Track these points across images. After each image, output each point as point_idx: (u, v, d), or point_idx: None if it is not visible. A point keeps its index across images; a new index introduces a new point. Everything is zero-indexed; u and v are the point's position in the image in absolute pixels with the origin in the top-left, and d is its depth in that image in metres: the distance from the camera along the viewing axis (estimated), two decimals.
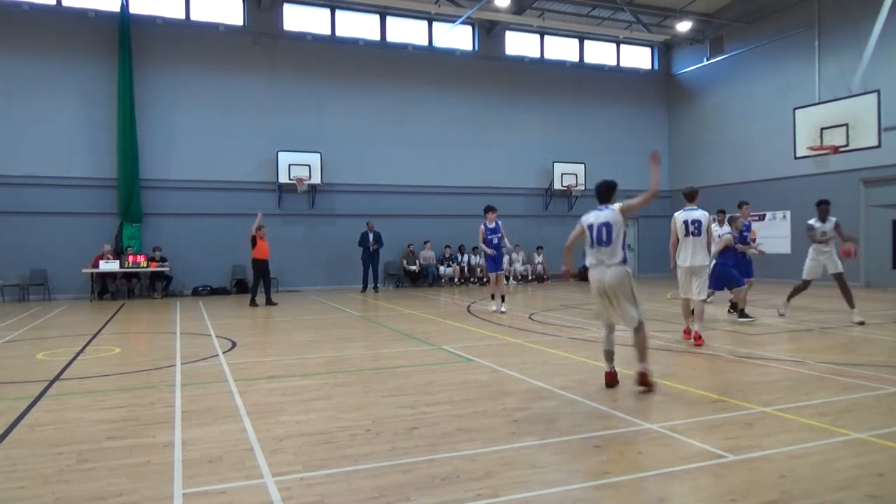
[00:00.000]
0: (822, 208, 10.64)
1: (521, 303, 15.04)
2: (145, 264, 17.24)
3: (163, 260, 17.61)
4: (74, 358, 7.98)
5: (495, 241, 12.50)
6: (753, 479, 3.73)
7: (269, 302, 15.10)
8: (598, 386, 6.14)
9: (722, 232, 11.01)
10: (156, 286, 17.69)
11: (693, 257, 8.41)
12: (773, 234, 20.63)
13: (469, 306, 14.00)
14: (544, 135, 22.69)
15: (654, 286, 19.09)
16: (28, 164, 16.96)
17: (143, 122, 17.94)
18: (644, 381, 5.81)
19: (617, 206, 5.97)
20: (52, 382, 6.55)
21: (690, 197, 8.98)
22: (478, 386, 6.32)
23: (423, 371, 7.06)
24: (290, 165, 19.04)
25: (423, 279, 20.52)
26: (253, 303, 14.96)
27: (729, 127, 22.18)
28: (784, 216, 20.30)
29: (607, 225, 5.86)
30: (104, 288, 17.31)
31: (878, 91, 14.54)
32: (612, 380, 6.04)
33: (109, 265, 16.88)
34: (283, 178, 18.99)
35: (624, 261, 5.86)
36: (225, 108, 18.95)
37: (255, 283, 15.22)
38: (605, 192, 6.14)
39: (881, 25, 14.86)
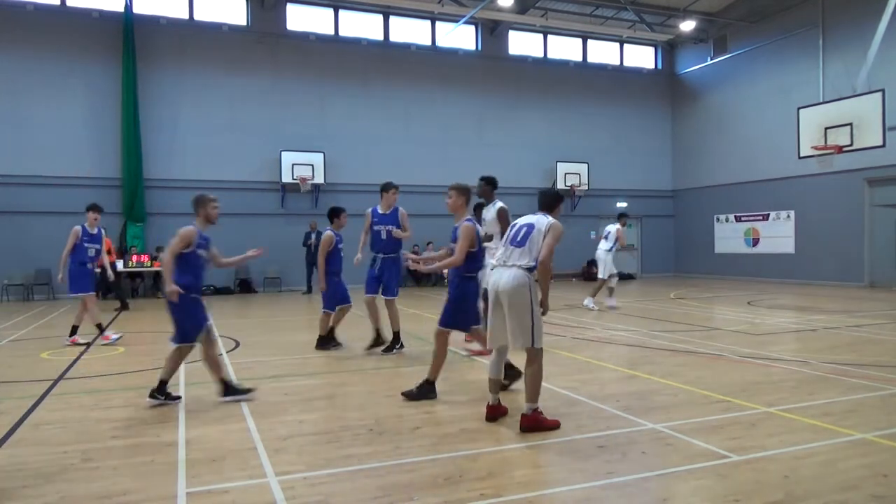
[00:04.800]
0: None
1: None
2: (149, 264, 17.28)
3: None
4: (79, 357, 8.00)
5: (92, 252, 9.50)
6: (757, 479, 3.72)
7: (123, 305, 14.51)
8: (601, 386, 6.13)
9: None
10: (160, 286, 17.72)
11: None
12: (776, 234, 20.60)
13: None
14: (547, 134, 22.66)
15: (656, 286, 19.07)
16: (32, 163, 16.99)
17: (146, 121, 17.96)
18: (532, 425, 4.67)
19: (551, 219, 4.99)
20: (56, 382, 6.57)
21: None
22: (481, 386, 6.31)
23: (426, 371, 7.04)
24: (293, 165, 19.06)
25: (427, 279, 20.51)
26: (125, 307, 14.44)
27: (732, 126, 22.13)
28: (788, 216, 20.26)
29: (530, 226, 4.97)
30: (108, 287, 17.32)
31: (882, 90, 14.50)
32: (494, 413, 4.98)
33: None
34: (286, 178, 19.01)
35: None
36: (228, 107, 18.97)
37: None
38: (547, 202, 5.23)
39: (885, 24, 14.81)
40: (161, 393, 5.56)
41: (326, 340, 8.48)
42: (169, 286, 5.43)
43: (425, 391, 5.67)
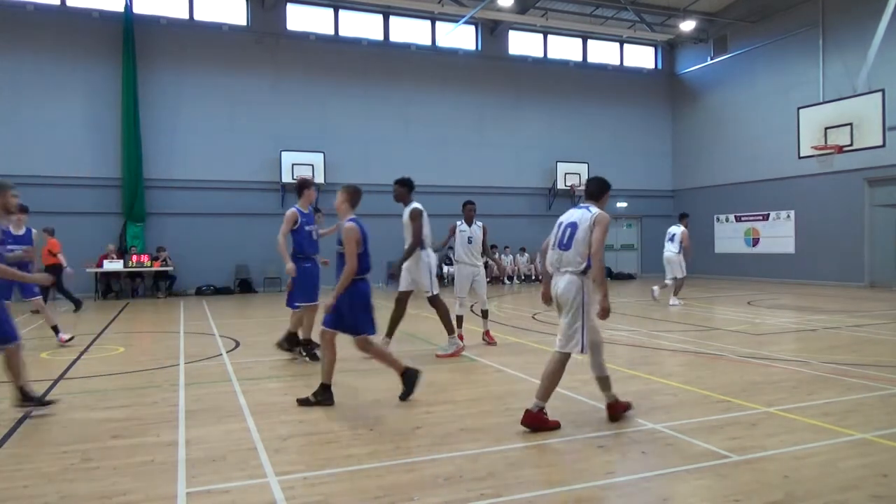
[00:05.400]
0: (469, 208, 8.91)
1: (524, 302, 15.03)
2: (149, 264, 17.28)
3: (166, 260, 17.64)
4: (78, 357, 7.99)
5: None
6: (757, 479, 3.72)
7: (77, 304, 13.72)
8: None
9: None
10: (159, 286, 17.73)
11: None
12: (776, 234, 20.61)
13: (472, 306, 13.99)
14: (548, 134, 22.67)
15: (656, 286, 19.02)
16: (32, 163, 16.98)
17: (147, 121, 17.97)
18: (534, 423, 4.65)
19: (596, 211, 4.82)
20: (56, 382, 6.57)
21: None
22: (481, 386, 6.32)
23: (426, 371, 7.03)
24: (293, 165, 19.06)
25: None
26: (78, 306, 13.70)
27: (732, 126, 22.14)
28: (788, 216, 20.26)
29: (573, 226, 4.82)
30: (108, 287, 17.36)
31: (882, 90, 14.51)
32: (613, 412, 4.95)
33: (113, 265, 16.92)
34: (286, 178, 19.00)
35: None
36: (229, 107, 18.98)
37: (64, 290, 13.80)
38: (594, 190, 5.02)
39: (886, 24, 14.82)
40: (27, 399, 5.28)
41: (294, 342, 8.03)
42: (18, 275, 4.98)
43: (410, 383, 5.62)
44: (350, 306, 5.42)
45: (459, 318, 8.65)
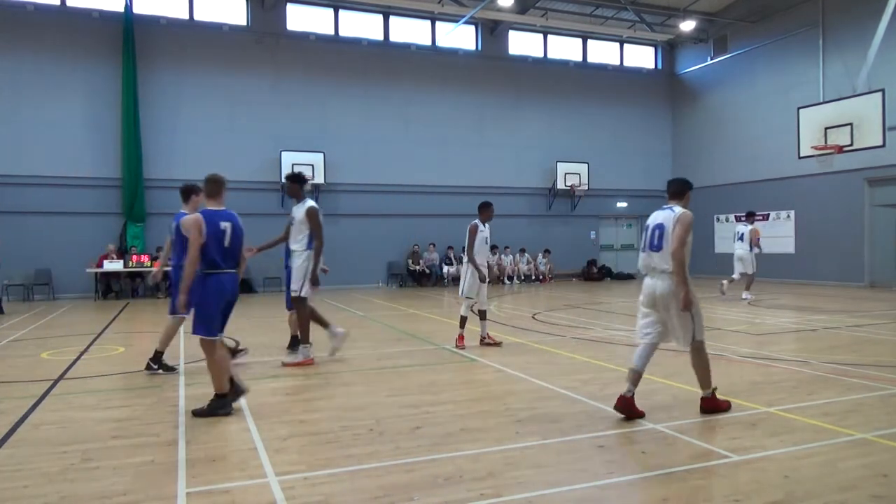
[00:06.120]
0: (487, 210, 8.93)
1: (524, 302, 15.03)
2: (149, 264, 17.27)
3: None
4: (79, 357, 7.99)
5: None
6: (757, 479, 3.72)
7: None
8: (601, 386, 6.12)
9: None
10: (160, 286, 17.69)
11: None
12: (776, 234, 20.59)
13: (472, 306, 13.99)
14: (548, 134, 22.67)
15: None
16: (32, 163, 16.99)
17: (146, 121, 17.96)
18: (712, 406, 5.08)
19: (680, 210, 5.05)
20: (56, 382, 6.57)
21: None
22: (481, 386, 6.32)
23: (426, 371, 7.06)
24: (293, 165, 19.02)
25: (428, 279, 20.53)
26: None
27: (733, 126, 22.13)
28: (788, 216, 20.26)
29: (660, 227, 5.05)
30: (108, 287, 17.35)
31: (882, 90, 14.51)
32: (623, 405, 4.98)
33: (113, 265, 16.91)
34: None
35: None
36: (229, 107, 18.98)
37: None
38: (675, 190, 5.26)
39: (885, 24, 14.83)
40: None
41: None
42: None
43: (215, 406, 5.21)
44: (198, 309, 5.22)
45: (463, 319, 8.65)
